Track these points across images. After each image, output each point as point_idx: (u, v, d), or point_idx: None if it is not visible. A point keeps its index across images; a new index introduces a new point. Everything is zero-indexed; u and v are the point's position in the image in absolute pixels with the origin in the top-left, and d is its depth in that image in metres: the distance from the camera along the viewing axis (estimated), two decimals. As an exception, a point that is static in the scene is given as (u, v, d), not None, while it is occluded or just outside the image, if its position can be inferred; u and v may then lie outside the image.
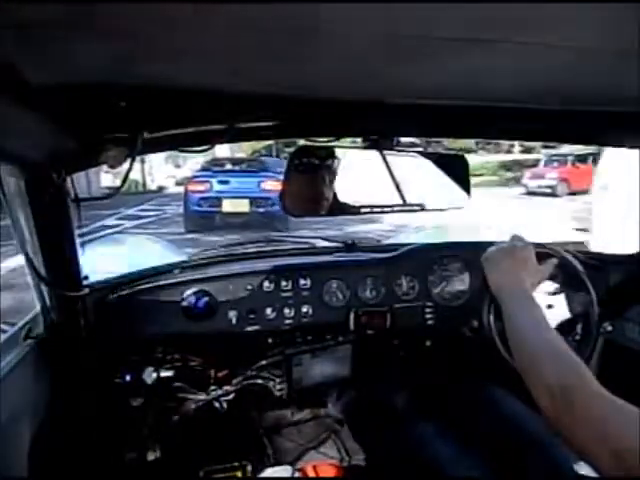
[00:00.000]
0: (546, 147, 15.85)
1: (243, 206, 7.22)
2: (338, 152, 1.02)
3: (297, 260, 1.45)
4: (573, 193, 12.84)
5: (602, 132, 1.13)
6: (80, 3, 0.40)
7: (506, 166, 17.83)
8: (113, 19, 0.44)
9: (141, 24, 0.46)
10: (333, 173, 1.03)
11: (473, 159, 16.74)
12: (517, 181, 15.46)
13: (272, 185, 6.80)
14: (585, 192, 12.48)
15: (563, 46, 0.54)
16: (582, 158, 13.33)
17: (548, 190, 13.20)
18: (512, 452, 1.07)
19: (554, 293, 1.12)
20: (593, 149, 12.44)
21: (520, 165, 17.30)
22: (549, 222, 7.94)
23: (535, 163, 15.38)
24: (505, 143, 18.92)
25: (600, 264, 1.52)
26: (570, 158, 13.50)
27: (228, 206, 7.26)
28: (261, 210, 7.10)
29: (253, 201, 7.16)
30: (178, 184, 15.94)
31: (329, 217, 1.04)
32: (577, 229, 6.64)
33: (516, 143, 17.45)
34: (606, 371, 1.48)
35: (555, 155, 14.46)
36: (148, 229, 7.17)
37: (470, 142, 15.60)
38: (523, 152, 19.16)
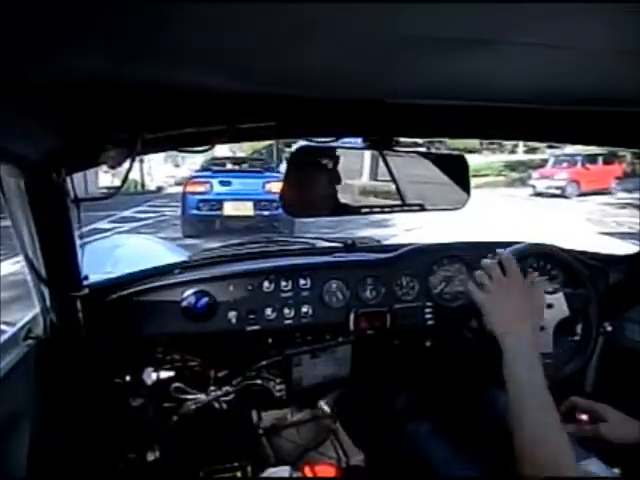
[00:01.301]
0: (551, 147, 15.78)
1: (247, 209, 6.72)
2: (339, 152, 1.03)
3: (297, 260, 1.45)
4: (583, 194, 12.77)
5: (602, 132, 1.13)
6: (80, 3, 0.40)
7: (511, 166, 17.79)
8: (113, 19, 0.44)
9: (141, 24, 0.46)
10: (334, 173, 1.04)
11: (478, 159, 16.73)
12: (523, 182, 15.40)
13: (278, 187, 6.11)
14: (596, 193, 12.48)
15: (563, 46, 0.54)
16: (592, 159, 13.24)
17: (557, 191, 13.05)
18: (510, 452, 1.06)
19: (554, 292, 1.12)
20: (602, 150, 12.42)
21: (525, 165, 17.27)
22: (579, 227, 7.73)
23: (542, 164, 15.26)
24: (509, 143, 18.90)
25: (600, 264, 1.52)
26: (579, 158, 13.37)
27: (230, 209, 6.74)
28: (266, 213, 6.60)
29: (257, 203, 6.67)
30: (177, 184, 15.86)
31: (331, 218, 1.04)
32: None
33: (520, 143, 17.38)
34: (606, 371, 1.48)
35: (563, 155, 14.32)
36: (144, 233, 6.84)
37: (474, 142, 15.52)
38: (527, 152, 19.14)
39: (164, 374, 1.31)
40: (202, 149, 0.93)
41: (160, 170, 22.01)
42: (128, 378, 1.27)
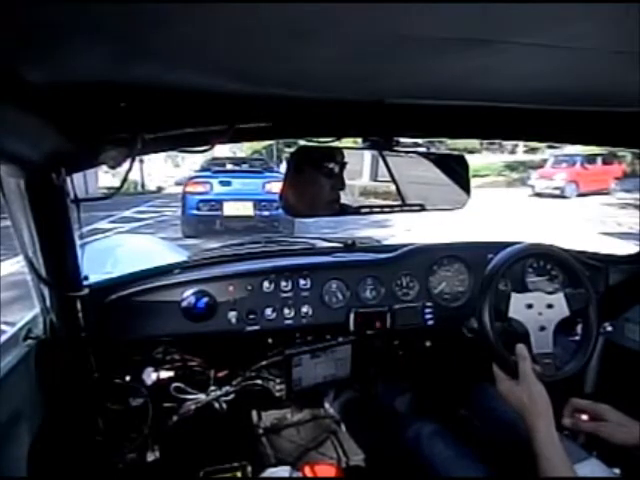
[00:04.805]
0: (551, 147, 15.75)
1: (247, 209, 6.67)
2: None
3: (297, 260, 1.45)
4: (582, 195, 12.77)
5: (602, 132, 1.13)
6: (80, 3, 0.40)
7: (511, 167, 17.78)
8: (113, 19, 0.44)
9: (141, 24, 0.46)
10: (335, 174, 1.04)
11: (478, 159, 16.72)
12: (523, 182, 15.39)
13: (278, 187, 5.95)
14: (596, 194, 12.48)
15: (563, 46, 0.54)
16: (591, 159, 13.25)
17: (556, 192, 13.02)
18: (510, 452, 1.07)
19: (554, 292, 1.12)
20: (601, 150, 12.41)
21: (524, 165, 17.28)
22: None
23: (542, 164, 15.24)
24: (509, 143, 18.89)
25: (600, 264, 1.52)
26: (578, 159, 13.36)
27: (230, 209, 6.70)
28: (265, 213, 6.61)
29: (257, 204, 6.65)
30: (178, 184, 15.86)
31: (331, 218, 1.05)
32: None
33: (520, 143, 17.37)
34: (606, 371, 1.49)
35: (562, 156, 14.30)
36: (144, 234, 6.68)
37: (474, 142, 15.50)
38: (527, 152, 19.14)
39: (164, 374, 1.31)
40: (202, 149, 0.93)
41: (160, 170, 21.99)
42: (128, 378, 1.27)
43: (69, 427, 1.06)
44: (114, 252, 2.30)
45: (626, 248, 1.74)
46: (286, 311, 1.33)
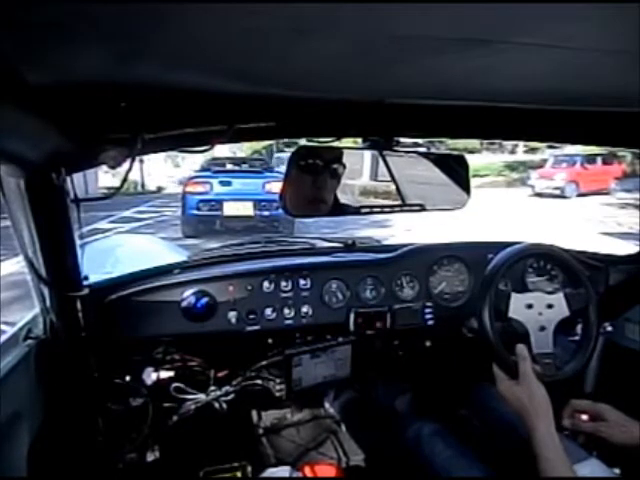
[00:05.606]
0: (551, 147, 15.74)
1: (247, 209, 6.68)
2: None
3: (297, 260, 1.45)
4: (582, 195, 12.79)
5: (602, 132, 1.13)
6: (80, 3, 0.40)
7: (511, 167, 17.79)
8: (113, 19, 0.44)
9: (141, 24, 0.46)
10: (337, 177, 1.04)
11: (478, 159, 16.72)
12: (523, 182, 15.41)
13: (278, 187, 5.91)
14: (595, 194, 12.51)
15: (563, 46, 0.54)
16: (591, 159, 13.27)
17: (556, 192, 13.04)
18: (510, 452, 1.07)
19: (554, 292, 1.12)
20: (601, 150, 12.42)
21: (525, 165, 17.28)
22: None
23: (542, 164, 15.25)
24: (509, 143, 18.89)
25: (600, 264, 1.52)
26: (578, 159, 13.38)
27: (230, 209, 6.71)
28: (265, 213, 6.62)
29: (257, 204, 6.65)
30: (179, 184, 15.84)
31: (331, 218, 1.05)
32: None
33: (520, 143, 17.37)
34: (606, 371, 1.48)
35: (562, 156, 14.30)
36: (144, 234, 6.62)
37: (474, 142, 15.49)
38: (527, 152, 19.14)
39: (164, 374, 1.31)
40: (202, 149, 0.93)
41: (160, 170, 21.96)
42: (128, 378, 1.27)
43: (69, 427, 1.06)
44: (114, 252, 2.30)
45: (626, 248, 1.74)
46: (286, 311, 1.33)
